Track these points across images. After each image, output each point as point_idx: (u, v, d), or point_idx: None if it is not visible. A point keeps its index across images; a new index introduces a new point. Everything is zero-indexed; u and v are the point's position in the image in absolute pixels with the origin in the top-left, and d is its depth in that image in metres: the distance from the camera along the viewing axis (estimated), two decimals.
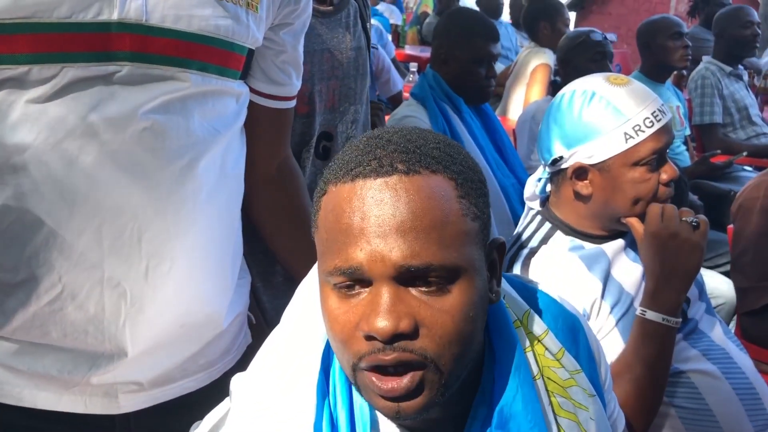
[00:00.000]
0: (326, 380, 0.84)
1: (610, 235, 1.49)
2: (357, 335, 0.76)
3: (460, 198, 0.78)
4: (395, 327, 0.73)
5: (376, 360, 0.74)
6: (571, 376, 0.92)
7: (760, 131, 3.95)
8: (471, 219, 0.78)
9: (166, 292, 1.02)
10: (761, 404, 1.47)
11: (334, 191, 0.79)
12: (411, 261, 0.74)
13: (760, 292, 2.04)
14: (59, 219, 0.94)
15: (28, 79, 0.90)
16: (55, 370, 1.00)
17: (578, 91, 1.45)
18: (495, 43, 2.34)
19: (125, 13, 0.92)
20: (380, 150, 0.78)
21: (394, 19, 6.90)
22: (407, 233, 0.74)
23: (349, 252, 0.75)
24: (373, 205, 0.75)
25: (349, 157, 0.80)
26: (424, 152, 0.78)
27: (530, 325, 0.93)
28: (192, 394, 1.11)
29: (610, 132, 1.39)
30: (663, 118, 1.40)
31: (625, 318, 1.41)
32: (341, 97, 1.59)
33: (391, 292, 0.74)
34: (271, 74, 1.18)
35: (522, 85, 3.90)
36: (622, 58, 6.28)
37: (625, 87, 1.42)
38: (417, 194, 0.75)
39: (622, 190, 1.41)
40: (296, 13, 1.16)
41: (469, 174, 0.81)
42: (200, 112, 1.01)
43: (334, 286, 0.78)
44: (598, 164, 1.41)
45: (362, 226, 0.75)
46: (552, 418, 0.88)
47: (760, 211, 2.05)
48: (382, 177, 0.76)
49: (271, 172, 1.25)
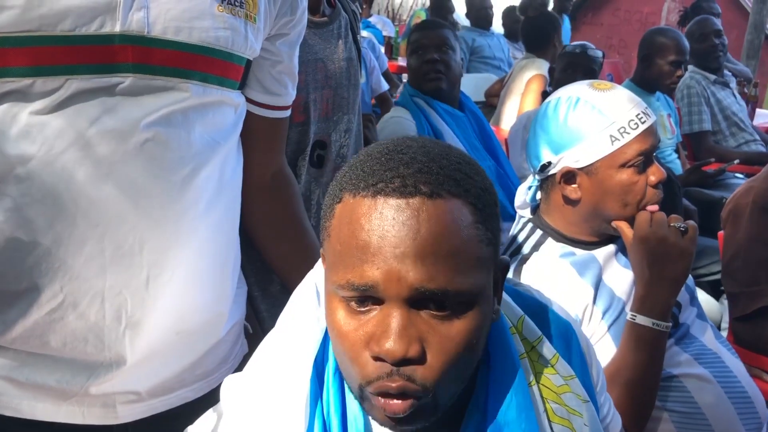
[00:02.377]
0: (319, 386, 0.84)
1: (600, 240, 1.50)
2: (365, 355, 0.76)
3: (477, 224, 0.77)
4: (405, 351, 0.73)
5: (383, 387, 0.75)
6: (565, 382, 0.93)
7: (750, 138, 3.97)
8: (486, 245, 0.79)
9: (165, 301, 1.03)
10: (753, 407, 1.48)
11: (351, 203, 0.77)
12: (427, 285, 0.73)
13: (751, 296, 2.04)
14: (62, 229, 0.95)
15: (31, 91, 0.91)
16: (53, 380, 1.00)
17: (563, 97, 1.47)
18: (432, 30, 2.60)
19: (128, 26, 0.93)
20: (404, 168, 0.76)
21: (387, 31, 6.93)
22: (426, 257, 0.73)
23: (365, 269, 0.74)
24: (394, 225, 0.74)
25: (370, 170, 0.78)
26: (446, 174, 0.77)
27: (525, 332, 0.93)
28: (189, 404, 1.11)
29: (595, 135, 1.41)
30: (647, 120, 1.42)
31: (617, 323, 1.42)
32: (335, 107, 1.61)
33: (404, 315, 0.74)
34: (267, 84, 1.19)
35: (516, 95, 3.92)
36: (613, 68, 6.31)
37: (609, 91, 1.45)
38: (438, 219, 0.74)
39: (611, 192, 1.43)
40: (292, 24, 1.17)
41: (486, 198, 0.80)
42: (201, 123, 1.02)
43: (343, 298, 0.78)
44: (586, 168, 1.43)
45: (381, 244, 0.74)
46: (546, 424, 0.89)
47: (749, 216, 2.06)
48: (405, 198, 0.75)
49: (266, 182, 1.26)
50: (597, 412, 0.98)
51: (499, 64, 5.69)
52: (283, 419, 0.83)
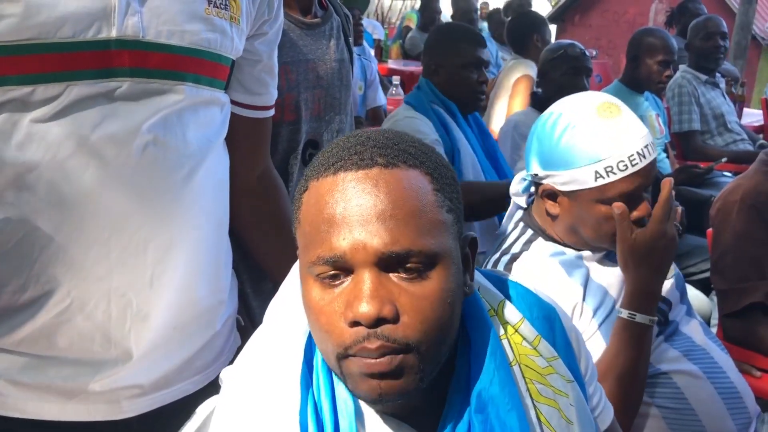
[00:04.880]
0: (309, 372, 0.86)
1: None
2: (341, 326, 0.78)
3: (435, 191, 0.81)
4: (378, 311, 0.76)
5: (362, 350, 0.77)
6: (549, 363, 0.94)
7: (738, 138, 4.00)
8: (446, 211, 0.82)
9: (168, 297, 1.05)
10: (742, 403, 1.50)
11: (315, 185, 0.82)
12: (392, 247, 0.77)
13: (740, 293, 2.05)
14: (68, 234, 0.96)
15: (32, 99, 0.92)
16: (59, 379, 1.01)
17: (565, 115, 1.43)
18: (481, 47, 2.41)
19: (123, 31, 0.95)
20: (360, 146, 0.82)
21: (377, 34, 6.95)
22: (387, 221, 0.77)
23: (333, 241, 0.78)
24: (355, 195, 0.78)
25: (329, 154, 0.83)
26: (401, 148, 0.82)
27: (505, 314, 0.95)
28: (189, 397, 1.12)
29: (581, 167, 1.39)
30: (640, 162, 1.37)
31: (607, 321, 1.43)
32: (326, 106, 1.62)
33: (374, 278, 0.77)
34: (248, 84, 1.21)
35: (504, 97, 3.94)
36: (602, 69, 6.36)
37: (613, 120, 1.38)
38: (396, 185, 0.79)
39: (586, 222, 1.43)
40: (270, 23, 1.20)
41: (443, 170, 0.84)
42: (194, 122, 1.04)
43: (317, 277, 0.80)
44: (567, 192, 1.43)
45: (344, 215, 0.78)
46: (530, 402, 0.90)
47: (738, 213, 2.07)
48: (363, 169, 0.79)
49: (251, 183, 1.28)
50: (585, 398, 0.99)
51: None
52: (276, 406, 0.84)
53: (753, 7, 7.12)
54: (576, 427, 0.93)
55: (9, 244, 0.96)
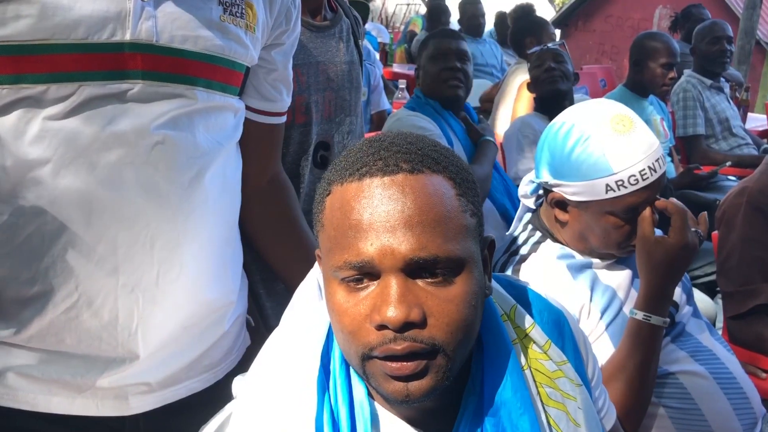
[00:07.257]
0: (326, 377, 0.87)
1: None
2: (366, 326, 0.79)
3: (458, 196, 0.82)
4: (406, 316, 0.76)
5: (389, 350, 0.78)
6: (558, 367, 0.95)
7: (742, 142, 4.00)
8: (470, 215, 0.83)
9: (175, 296, 1.06)
10: (748, 403, 1.50)
11: (340, 190, 0.82)
12: (419, 253, 0.77)
13: (746, 295, 2.06)
14: (76, 230, 0.98)
15: (45, 97, 0.94)
16: (68, 375, 1.03)
17: (577, 126, 1.43)
18: (449, 39, 2.50)
19: (137, 35, 0.96)
20: (384, 151, 0.82)
21: (382, 38, 6.99)
22: (415, 227, 0.78)
23: (360, 246, 0.78)
24: (382, 201, 0.79)
25: (353, 159, 0.83)
26: (425, 153, 0.83)
27: (517, 319, 0.96)
28: (197, 394, 1.14)
29: (593, 180, 1.40)
30: (651, 176, 1.38)
31: (615, 322, 1.44)
32: (337, 108, 1.64)
33: (401, 283, 0.78)
34: (263, 91, 1.23)
35: (509, 101, 3.95)
36: (606, 73, 6.36)
37: (626, 136, 1.39)
38: (422, 191, 0.79)
39: (594, 231, 1.45)
40: (287, 34, 1.22)
41: (464, 174, 0.86)
42: (204, 126, 1.06)
43: (342, 281, 0.81)
44: (577, 202, 1.44)
45: (371, 221, 0.78)
46: (540, 406, 0.91)
47: (743, 216, 2.08)
48: (388, 175, 0.80)
49: (262, 187, 1.29)
50: (592, 401, 1.00)
51: (491, 70, 5.73)
52: (293, 411, 0.85)
53: (757, 11, 7.12)
54: (584, 429, 0.94)
55: (20, 237, 0.97)
